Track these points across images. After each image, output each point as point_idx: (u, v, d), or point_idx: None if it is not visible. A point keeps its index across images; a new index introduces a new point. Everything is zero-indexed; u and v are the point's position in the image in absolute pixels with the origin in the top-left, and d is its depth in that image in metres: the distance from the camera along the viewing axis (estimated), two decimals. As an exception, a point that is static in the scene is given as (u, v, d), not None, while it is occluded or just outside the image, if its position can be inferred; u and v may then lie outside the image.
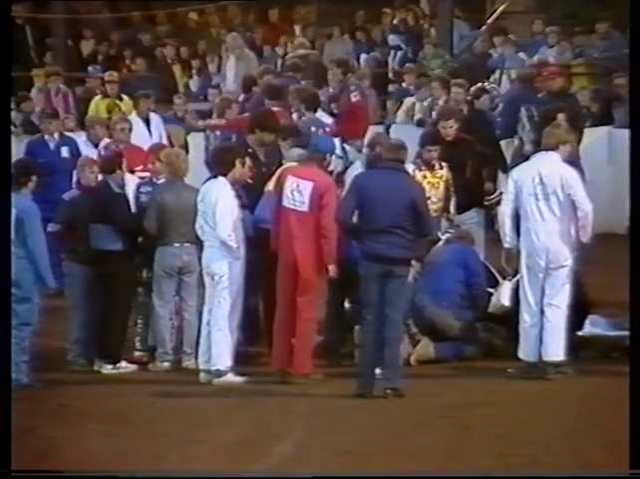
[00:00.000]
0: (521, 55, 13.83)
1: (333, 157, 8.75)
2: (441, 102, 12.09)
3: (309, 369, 8.39)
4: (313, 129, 10.70)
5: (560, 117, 9.51)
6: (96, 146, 10.90)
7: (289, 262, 8.40)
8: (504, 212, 8.42)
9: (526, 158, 8.57)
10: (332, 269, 8.37)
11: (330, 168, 8.83)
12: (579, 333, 8.72)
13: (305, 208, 8.38)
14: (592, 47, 13.78)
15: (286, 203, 8.45)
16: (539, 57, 13.89)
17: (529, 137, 10.54)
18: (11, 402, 6.47)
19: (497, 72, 13.56)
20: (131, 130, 10.79)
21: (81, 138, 11.53)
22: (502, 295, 8.93)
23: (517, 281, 8.55)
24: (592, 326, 8.78)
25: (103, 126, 11.15)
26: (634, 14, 7.79)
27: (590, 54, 13.66)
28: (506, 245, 8.43)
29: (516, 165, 8.57)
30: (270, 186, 8.80)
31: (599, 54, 13.51)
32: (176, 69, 15.68)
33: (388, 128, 12.75)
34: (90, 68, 15.23)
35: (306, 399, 7.92)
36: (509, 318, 8.62)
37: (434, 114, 11.93)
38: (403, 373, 7.84)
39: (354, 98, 11.91)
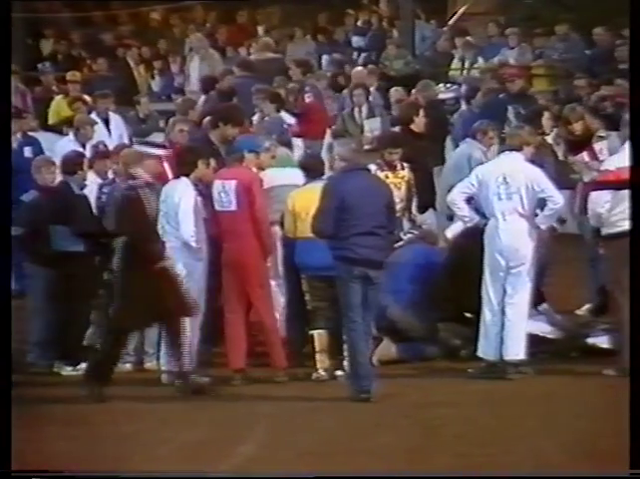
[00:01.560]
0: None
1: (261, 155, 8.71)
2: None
3: (284, 363, 8.38)
4: (277, 128, 10.74)
5: (546, 115, 9.54)
6: (83, 145, 10.79)
7: (234, 263, 8.42)
8: (459, 197, 8.44)
9: None
10: (270, 260, 8.42)
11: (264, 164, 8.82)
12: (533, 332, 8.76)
13: (233, 206, 8.42)
14: (552, 49, 13.89)
15: (217, 206, 8.50)
16: (500, 58, 14.02)
17: None
18: (11, 402, 6.44)
19: (459, 72, 13.64)
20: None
21: (68, 137, 11.37)
22: None
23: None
24: (533, 322, 8.78)
25: (92, 125, 11.08)
26: (634, 14, 7.78)
27: (550, 55, 13.77)
28: (468, 224, 8.49)
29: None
30: None
31: (558, 56, 13.62)
32: (139, 69, 15.61)
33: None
34: (39, 66, 15.11)
35: (269, 400, 7.92)
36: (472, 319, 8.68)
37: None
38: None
39: (308, 99, 11.96)
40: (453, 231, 9.06)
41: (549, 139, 9.70)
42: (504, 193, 8.32)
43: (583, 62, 13.30)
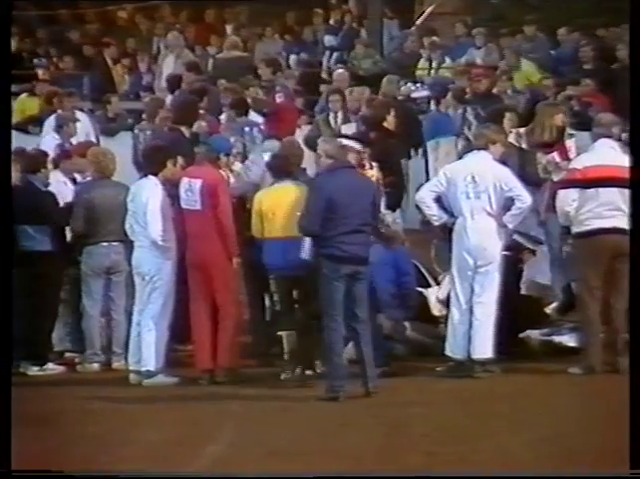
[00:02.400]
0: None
1: (230, 157, 8.70)
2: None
3: (235, 363, 8.37)
4: (247, 129, 10.72)
5: (509, 116, 9.61)
6: (69, 143, 10.67)
7: (198, 262, 8.39)
8: (427, 196, 8.44)
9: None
10: (236, 262, 8.40)
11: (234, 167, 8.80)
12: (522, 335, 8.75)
13: (198, 206, 8.40)
14: (518, 49, 13.94)
15: (183, 204, 8.48)
16: (467, 58, 14.06)
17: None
18: (11, 402, 6.45)
19: (426, 72, 13.67)
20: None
21: (52, 134, 11.24)
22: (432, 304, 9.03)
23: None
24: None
25: (75, 122, 10.97)
26: (634, 14, 7.83)
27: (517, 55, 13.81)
28: (437, 223, 8.50)
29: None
30: None
31: (525, 56, 13.68)
32: (113, 67, 15.50)
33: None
34: None
35: (238, 400, 7.89)
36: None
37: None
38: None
39: (279, 99, 11.93)
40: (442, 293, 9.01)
41: (511, 138, 9.72)
42: (473, 192, 8.33)
43: (549, 62, 13.36)
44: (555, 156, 9.33)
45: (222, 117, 11.15)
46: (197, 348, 8.39)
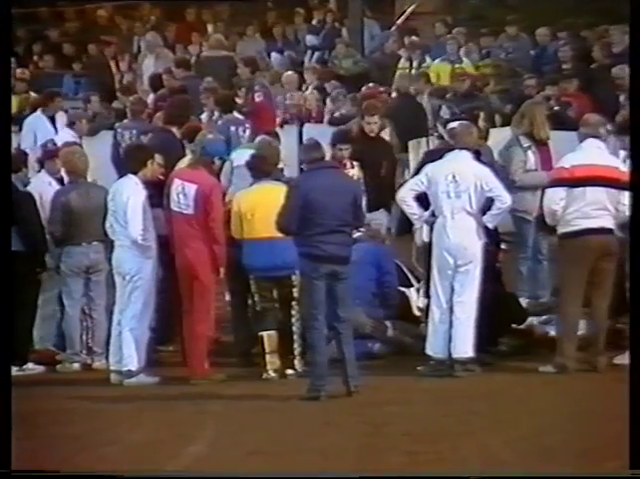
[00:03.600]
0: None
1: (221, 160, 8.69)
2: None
3: (204, 372, 8.35)
4: (232, 128, 10.69)
5: (480, 115, 9.63)
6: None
7: (184, 266, 8.38)
8: (408, 195, 8.43)
9: (440, 156, 8.64)
10: (222, 272, 8.39)
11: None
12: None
13: (191, 210, 8.37)
14: (499, 48, 13.97)
15: (173, 206, 8.44)
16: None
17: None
18: (11, 402, 6.45)
19: (407, 71, 13.68)
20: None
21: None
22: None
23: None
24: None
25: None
26: (634, 14, 7.85)
27: (497, 55, 13.85)
28: (418, 224, 8.52)
29: (431, 161, 8.65)
30: None
31: (506, 55, 13.71)
32: (108, 65, 15.41)
33: (301, 127, 12.77)
34: None
35: (218, 400, 7.88)
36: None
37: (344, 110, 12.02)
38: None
39: (257, 98, 11.91)
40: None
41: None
42: (454, 191, 8.33)
43: (529, 62, 13.40)
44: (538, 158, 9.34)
45: (203, 116, 11.14)
46: (192, 354, 8.34)
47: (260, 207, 8.37)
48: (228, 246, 8.50)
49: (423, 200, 8.46)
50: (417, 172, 8.67)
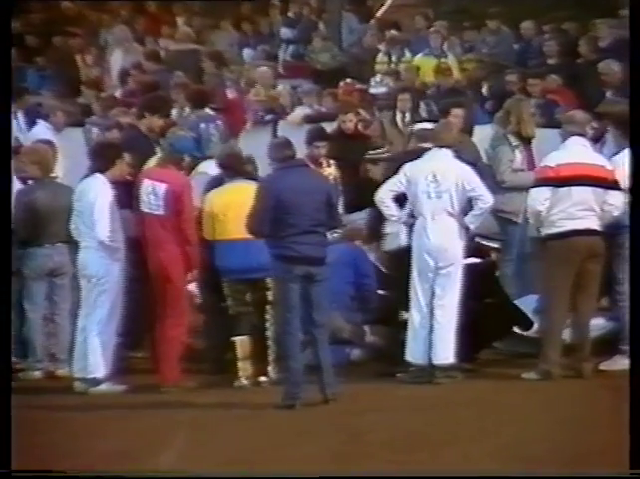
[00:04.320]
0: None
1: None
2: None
3: (177, 379, 8.34)
4: (203, 125, 10.68)
5: (457, 112, 9.61)
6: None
7: (157, 269, 8.36)
8: (386, 195, 8.42)
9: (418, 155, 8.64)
10: (195, 275, 8.39)
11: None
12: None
13: (162, 211, 8.35)
14: (482, 42, 14.01)
15: (143, 207, 8.43)
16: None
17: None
18: (11, 402, 6.47)
19: (385, 66, 13.71)
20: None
21: (41, 123, 11.15)
22: None
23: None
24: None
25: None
26: (634, 14, 7.94)
27: (480, 49, 13.89)
28: (396, 223, 8.49)
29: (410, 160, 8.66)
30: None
31: (489, 50, 13.75)
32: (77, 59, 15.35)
33: (275, 124, 12.77)
34: None
35: (189, 409, 7.87)
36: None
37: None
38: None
39: (230, 94, 11.90)
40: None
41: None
42: (434, 191, 8.33)
43: (513, 56, 13.44)
44: (519, 158, 9.36)
45: (174, 112, 11.11)
46: (164, 361, 8.32)
47: (233, 206, 8.35)
48: (201, 248, 8.49)
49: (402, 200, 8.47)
50: (395, 171, 8.67)
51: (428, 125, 8.84)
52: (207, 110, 10.96)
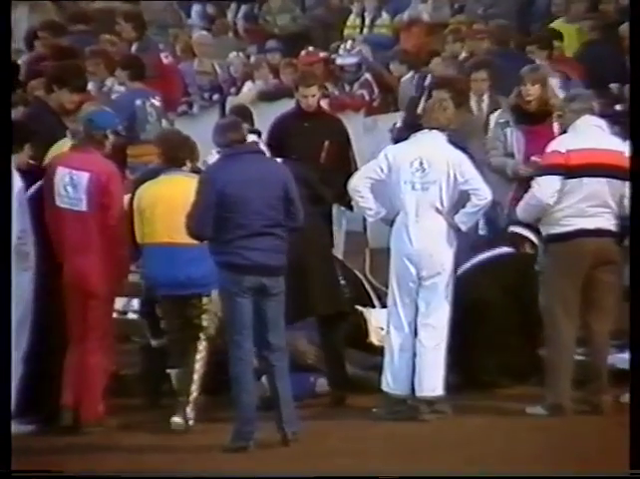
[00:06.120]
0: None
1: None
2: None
3: (100, 413, 8.28)
4: (139, 102, 10.52)
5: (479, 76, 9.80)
6: None
7: (75, 279, 8.28)
8: (362, 184, 8.34)
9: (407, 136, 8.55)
10: (126, 284, 8.32)
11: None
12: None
13: (83, 206, 8.29)
14: (476, 2, 13.96)
15: (60, 202, 8.33)
16: (410, 13, 14.04)
17: None
18: (11, 402, 6.65)
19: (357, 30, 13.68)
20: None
21: None
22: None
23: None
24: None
25: None
26: (634, 14, 8.04)
27: (474, 10, 13.84)
28: (372, 219, 8.45)
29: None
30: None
31: (484, 11, 13.71)
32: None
33: (223, 102, 12.71)
34: None
35: (117, 452, 7.79)
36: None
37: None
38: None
39: (165, 59, 11.80)
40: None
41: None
42: (420, 182, 8.24)
43: (513, 18, 13.41)
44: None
45: (90, 86, 10.98)
46: (84, 393, 8.25)
47: (162, 202, 8.25)
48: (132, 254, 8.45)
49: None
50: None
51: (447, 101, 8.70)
52: (138, 83, 10.83)
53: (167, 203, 8.18)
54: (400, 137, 9.11)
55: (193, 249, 7.91)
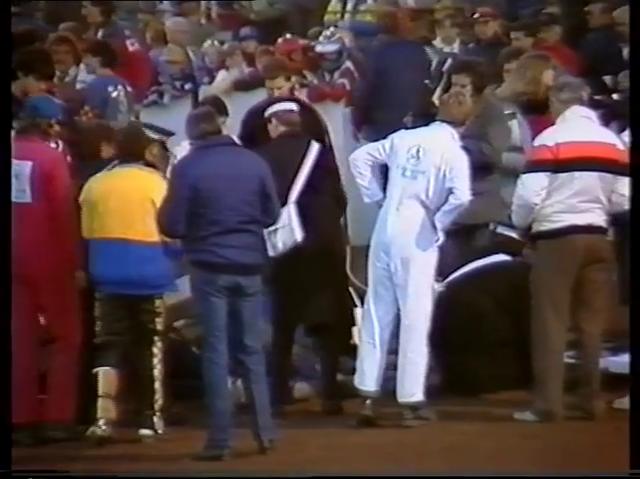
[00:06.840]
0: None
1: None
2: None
3: (69, 413, 8.27)
4: (110, 88, 10.57)
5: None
6: None
7: (26, 276, 8.27)
8: (363, 159, 8.43)
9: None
10: (81, 278, 8.31)
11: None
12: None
13: (28, 198, 8.30)
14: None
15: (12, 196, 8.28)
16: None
17: None
18: (11, 402, 6.76)
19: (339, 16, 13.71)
20: None
21: None
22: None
23: None
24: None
25: None
26: (634, 14, 8.10)
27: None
28: (367, 200, 8.50)
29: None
30: None
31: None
32: None
33: (196, 92, 12.72)
34: None
35: (81, 462, 7.82)
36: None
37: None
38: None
39: (131, 46, 11.82)
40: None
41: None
42: (411, 169, 8.33)
43: (501, 3, 13.46)
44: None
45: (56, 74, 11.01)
46: (17, 393, 8.09)
47: (115, 195, 8.25)
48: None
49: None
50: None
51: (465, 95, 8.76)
52: (107, 70, 10.87)
53: (122, 196, 8.20)
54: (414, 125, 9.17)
55: (148, 248, 7.97)
